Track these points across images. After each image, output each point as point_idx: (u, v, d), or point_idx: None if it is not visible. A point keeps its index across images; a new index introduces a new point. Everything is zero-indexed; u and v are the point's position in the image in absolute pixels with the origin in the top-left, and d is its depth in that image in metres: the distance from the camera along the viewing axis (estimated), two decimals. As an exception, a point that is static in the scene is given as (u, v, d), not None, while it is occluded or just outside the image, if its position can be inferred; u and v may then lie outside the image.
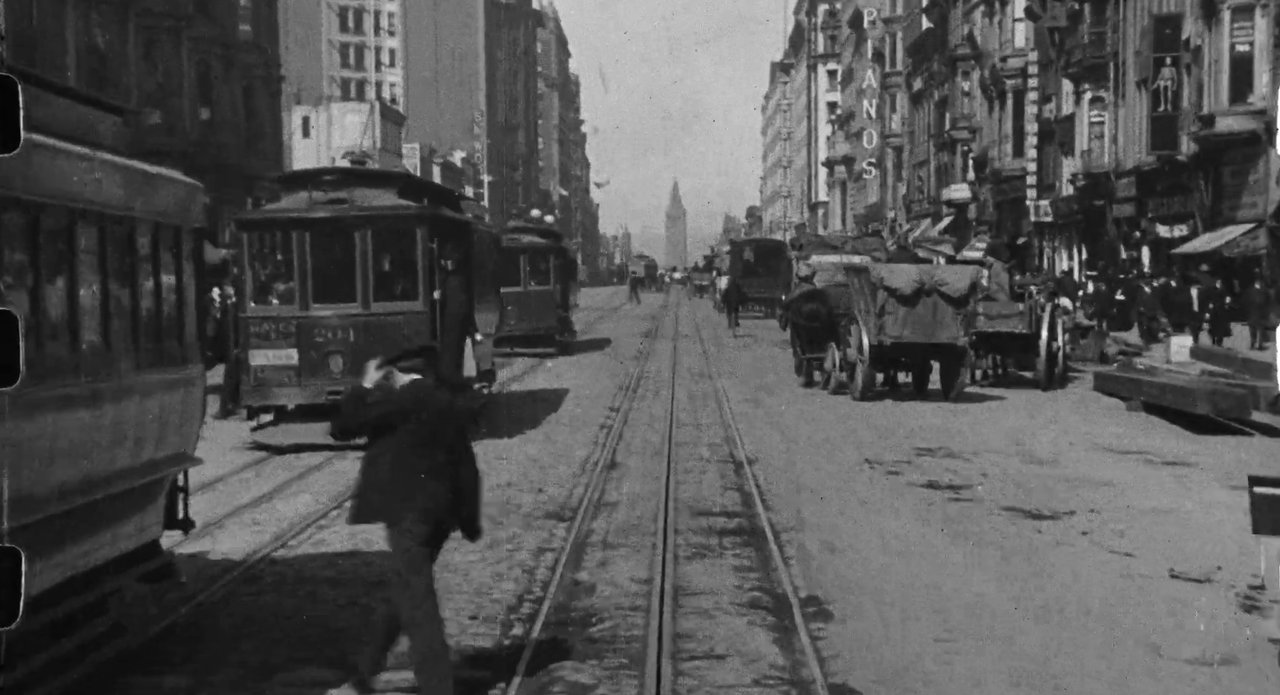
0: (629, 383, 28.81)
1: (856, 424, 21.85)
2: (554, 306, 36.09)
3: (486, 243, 21.74)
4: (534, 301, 35.31)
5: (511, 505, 14.74)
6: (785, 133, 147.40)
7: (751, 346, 40.10)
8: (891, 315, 25.03)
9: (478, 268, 20.27)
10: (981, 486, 15.83)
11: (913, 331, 24.91)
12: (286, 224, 18.35)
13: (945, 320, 24.91)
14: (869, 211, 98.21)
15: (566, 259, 39.16)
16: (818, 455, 18.38)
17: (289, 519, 14.01)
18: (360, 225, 18.03)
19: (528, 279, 35.60)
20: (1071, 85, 58.30)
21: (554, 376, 29.71)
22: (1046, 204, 61.72)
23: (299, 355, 17.69)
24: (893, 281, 25.13)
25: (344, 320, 17.83)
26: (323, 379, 17.73)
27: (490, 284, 22.26)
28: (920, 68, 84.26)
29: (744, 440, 19.67)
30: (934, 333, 24.92)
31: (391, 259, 18.30)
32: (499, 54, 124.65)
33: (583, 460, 17.91)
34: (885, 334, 24.96)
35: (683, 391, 26.74)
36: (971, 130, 72.95)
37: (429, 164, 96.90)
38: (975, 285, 25.97)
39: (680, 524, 13.66)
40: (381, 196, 18.32)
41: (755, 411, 23.47)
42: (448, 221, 19.09)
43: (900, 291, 24.96)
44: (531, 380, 29.01)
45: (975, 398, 25.99)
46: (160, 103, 54.25)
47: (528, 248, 36.34)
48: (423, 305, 17.98)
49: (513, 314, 33.53)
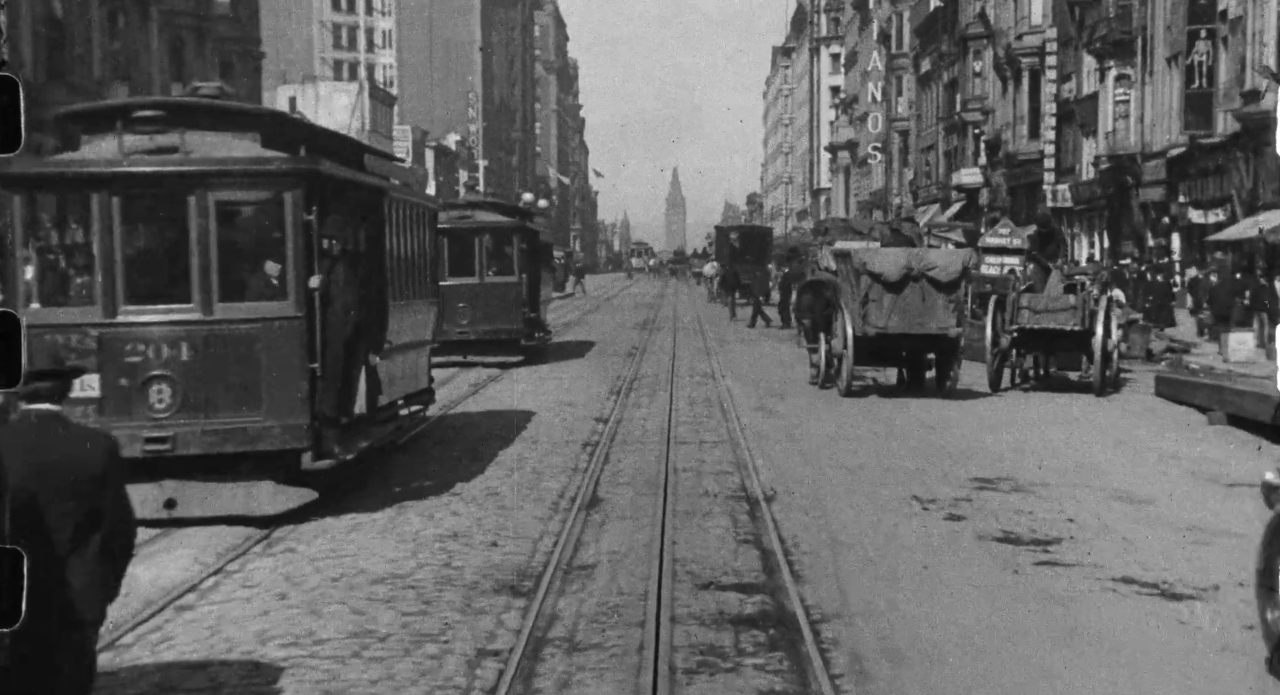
0: (621, 386, 24.86)
1: (891, 441, 17.90)
2: (518, 303, 28.47)
3: (412, 218, 15.14)
4: (493, 297, 28.11)
5: (451, 570, 10.83)
6: (787, 118, 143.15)
7: (759, 341, 36.13)
8: (876, 303, 22.49)
9: (394, 251, 14.34)
10: (1074, 539, 11.92)
11: (900, 321, 22.52)
12: (81, 183, 11.97)
13: (935, 308, 22.48)
14: (874, 197, 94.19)
15: (535, 243, 30.93)
16: (851, 487, 14.45)
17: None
18: (196, 186, 11.86)
19: (484, 268, 28.32)
20: (1095, 62, 54.31)
21: (518, 390, 23.85)
22: (1065, 188, 57.75)
23: (101, 383, 11.63)
24: (877, 266, 22.51)
25: (172, 332, 11.77)
26: (139, 420, 11.68)
27: (421, 274, 15.86)
28: (928, 48, 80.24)
29: (757, 465, 15.75)
30: (923, 322, 22.47)
31: (247, 238, 12.29)
32: (495, 36, 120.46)
33: (556, 496, 13.99)
34: (870, 324, 22.48)
35: (683, 398, 22.79)
36: (984, 112, 69.00)
37: (422, 147, 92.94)
38: (967, 270, 23.29)
39: (679, 604, 9.76)
40: (232, 144, 12.18)
41: (768, 424, 19.52)
42: (336, 182, 12.86)
43: (885, 277, 22.34)
44: (488, 397, 22.83)
45: (1022, 402, 22.15)
46: (127, 76, 50.33)
47: (484, 228, 28.61)
48: (294, 307, 12.02)
49: (464, 313, 27.71)
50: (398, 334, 14.18)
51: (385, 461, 14.96)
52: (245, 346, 11.81)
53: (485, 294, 27.96)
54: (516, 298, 28.38)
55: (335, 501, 12.73)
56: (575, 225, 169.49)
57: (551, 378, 26.22)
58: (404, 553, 11.32)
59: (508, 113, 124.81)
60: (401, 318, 14.34)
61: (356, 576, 10.53)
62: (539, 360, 29.34)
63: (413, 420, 16.60)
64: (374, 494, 13.61)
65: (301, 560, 11.03)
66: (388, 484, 14.11)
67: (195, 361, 11.71)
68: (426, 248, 15.69)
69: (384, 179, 14.26)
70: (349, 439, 12.67)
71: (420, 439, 17.17)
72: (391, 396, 14.28)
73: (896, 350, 23.34)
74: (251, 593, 10.06)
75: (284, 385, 11.79)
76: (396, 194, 14.43)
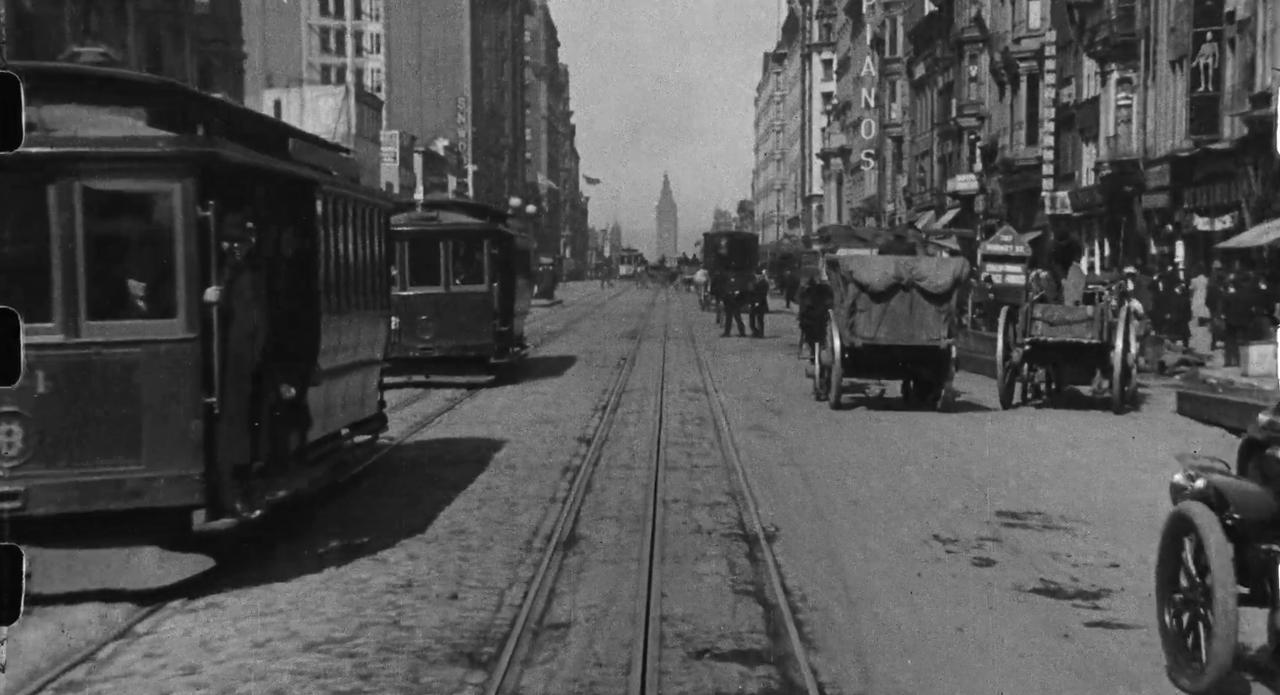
0: (606, 401, 23.16)
1: (904, 465, 16.19)
2: (488, 315, 25.07)
3: (355, 216, 12.66)
4: (459, 309, 24.68)
5: (400, 631, 9.11)
6: (778, 125, 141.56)
7: (751, 351, 34.45)
8: (864, 313, 21.64)
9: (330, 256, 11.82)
10: (1124, 590, 10.24)
11: (888, 332, 21.68)
12: None
13: (925, 319, 21.62)
14: (866, 204, 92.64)
15: (510, 248, 27.11)
16: (862, 524, 12.75)
17: None
18: (57, 173, 9.31)
19: (450, 276, 24.90)
20: (1096, 66, 52.73)
21: (491, 410, 21.30)
22: (1065, 195, 56.16)
23: None
24: (863, 275, 21.65)
25: (25, 357, 8.37)
26: None
27: (368, 283, 13.32)
28: (923, 53, 78.72)
29: (756, 495, 14.05)
30: (912, 333, 21.63)
31: (123, 240, 9.49)
32: (485, 41, 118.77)
33: (529, 533, 12.28)
34: (857, 335, 21.67)
35: (674, 414, 21.09)
36: (979, 118, 67.47)
37: (410, 152, 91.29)
38: (959, 280, 22.33)
39: (669, 680, 8.06)
40: (108, 121, 9.73)
41: (766, 446, 17.82)
42: (245, 171, 10.39)
43: (872, 287, 21.48)
44: (455, 420, 20.14)
45: (1037, 420, 20.50)
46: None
47: (449, 232, 25.14)
48: (185, 327, 9.49)
49: (427, 327, 24.45)
50: (334, 354, 11.92)
51: (333, 498, 13.18)
52: (121, 377, 9.25)
53: (451, 305, 24.70)
54: (486, 309, 25.10)
55: (268, 551, 10.98)
56: (565, 231, 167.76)
57: (529, 395, 23.65)
58: (347, 608, 9.61)
59: (497, 118, 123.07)
60: (340, 335, 12.03)
61: (286, 641, 8.82)
62: (513, 378, 26.16)
63: (363, 451, 14.37)
64: (319, 534, 11.88)
65: (225, 621, 9.30)
66: (336, 523, 12.36)
67: (55, 396, 9.13)
68: (376, 252, 13.39)
69: (316, 169, 11.94)
70: (260, 489, 10.34)
71: (374, 471, 15.11)
72: (329, 428, 12.11)
73: (887, 362, 22.25)
74: (155, 665, 8.33)
75: (170, 425, 9.36)
76: (333, 188, 11.92)
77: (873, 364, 22.27)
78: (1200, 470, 7.90)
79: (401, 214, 24.55)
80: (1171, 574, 7.83)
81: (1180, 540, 7.74)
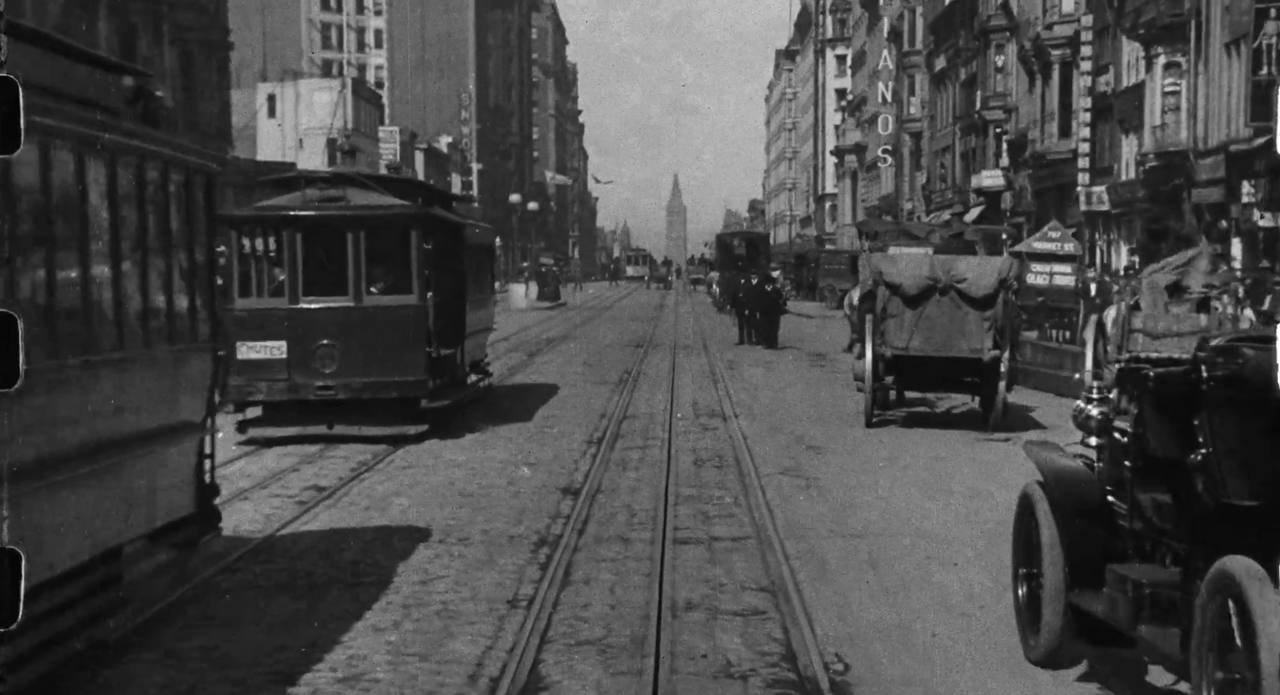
0: (605, 430, 18.68)
1: (1000, 528, 11.74)
2: (419, 337, 17.25)
3: (122, 178, 7.76)
4: (375, 329, 17.10)
5: None
6: (790, 123, 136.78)
7: (774, 363, 29.87)
8: (894, 319, 18.62)
9: (34, 251, 6.65)
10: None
11: (922, 341, 18.71)
12: None
13: (966, 326, 18.68)
14: (883, 203, 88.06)
15: (458, 241, 19.45)
16: (978, 653, 8.30)
17: None
18: None
19: (361, 283, 17.19)
20: (1138, 51, 48.13)
21: (409, 485, 14.17)
22: (1102, 191, 51.54)
23: None
24: (894, 276, 18.67)
25: None
26: None
27: (162, 294, 8.40)
28: (944, 45, 74.17)
29: (806, 594, 9.59)
30: (950, 342, 18.64)
31: None
32: (490, 37, 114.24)
33: (464, 679, 7.82)
34: (886, 344, 18.70)
35: (686, 452, 16.58)
36: (1006, 110, 62.93)
37: (411, 149, 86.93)
38: (1006, 281, 19.09)
39: None
40: None
41: (808, 501, 13.32)
42: None
43: (903, 289, 18.51)
44: (360, 497, 13.39)
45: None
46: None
47: (360, 219, 17.30)
48: None
49: (328, 356, 16.85)
50: (73, 427, 6.82)
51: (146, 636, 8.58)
52: None
53: (364, 325, 17.07)
54: (416, 329, 17.23)
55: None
56: (574, 232, 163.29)
57: (482, 450, 16.68)
58: None
59: (504, 116, 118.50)
60: (86, 392, 7.00)
61: None
62: (466, 426, 18.46)
63: (171, 565, 8.93)
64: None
65: None
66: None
67: None
68: (178, 242, 8.34)
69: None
70: None
71: (216, 586, 9.88)
72: (77, 557, 6.95)
73: (926, 375, 19.14)
74: None
75: None
76: (52, 122, 6.72)
77: (910, 377, 19.15)
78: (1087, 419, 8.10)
79: (291, 194, 17.69)
80: (1018, 552, 8.17)
81: (1025, 520, 8.06)
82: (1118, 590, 7.06)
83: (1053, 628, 7.59)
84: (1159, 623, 6.75)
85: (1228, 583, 6.02)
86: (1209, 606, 6.15)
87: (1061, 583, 7.54)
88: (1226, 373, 6.56)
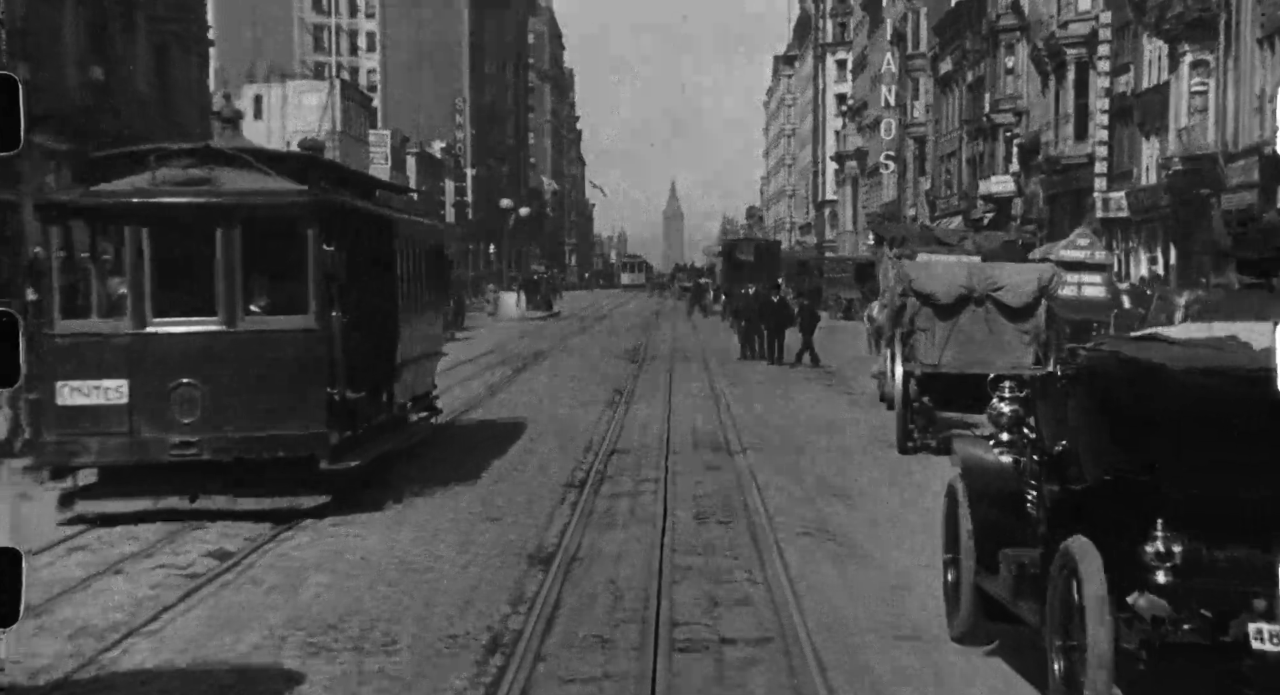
0: (585, 471, 15.63)
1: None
2: (319, 372, 12.39)
3: None
4: (254, 362, 12.27)
5: None
6: (789, 129, 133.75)
7: (781, 382, 26.75)
8: (925, 333, 16.73)
9: None
10: None
11: (956, 356, 16.75)
12: None
13: (1004, 340, 16.80)
14: (885, 210, 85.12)
15: (391, 242, 14.90)
16: None
17: None
18: None
19: (234, 296, 12.34)
20: (1161, 49, 45.18)
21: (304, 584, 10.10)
22: (1120, 196, 48.55)
23: None
24: (925, 285, 16.77)
25: None
26: None
27: None
28: (950, 47, 71.30)
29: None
30: (987, 357, 16.32)
31: None
32: (486, 40, 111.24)
33: None
34: (916, 360, 16.89)
35: (684, 504, 13.48)
36: (1017, 113, 60.06)
37: (402, 153, 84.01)
38: (1046, 290, 17.17)
39: None
40: None
41: (845, 577, 10.30)
42: None
43: (936, 299, 16.61)
44: (204, 626, 8.84)
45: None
46: (30, 55, 41.16)
47: (232, 208, 12.47)
48: None
49: (188, 401, 12.04)
50: None
51: None
52: None
53: (238, 358, 12.25)
54: (314, 362, 12.35)
55: None
56: (571, 239, 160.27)
57: (405, 524, 12.14)
58: None
59: (499, 121, 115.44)
60: None
61: None
62: (384, 495, 13.25)
63: None
64: None
65: None
66: None
67: None
68: None
69: None
70: None
71: None
72: None
73: (963, 393, 16.41)
74: None
75: None
76: None
77: (944, 396, 16.69)
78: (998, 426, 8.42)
79: (139, 175, 12.63)
80: (946, 540, 8.64)
81: (951, 510, 8.49)
82: (1006, 570, 7.66)
83: (966, 608, 8.15)
84: (1030, 598, 7.29)
85: (1068, 560, 6.59)
86: (1058, 581, 6.71)
87: (972, 567, 8.02)
88: (1072, 373, 7.26)
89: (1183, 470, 6.47)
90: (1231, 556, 6.35)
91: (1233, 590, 6.24)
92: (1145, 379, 6.60)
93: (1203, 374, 6.49)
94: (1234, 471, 6.47)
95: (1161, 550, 6.25)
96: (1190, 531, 6.31)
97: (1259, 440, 6.38)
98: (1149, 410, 6.62)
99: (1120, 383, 6.82)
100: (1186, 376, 6.50)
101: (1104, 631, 6.22)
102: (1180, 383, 6.48)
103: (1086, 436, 7.07)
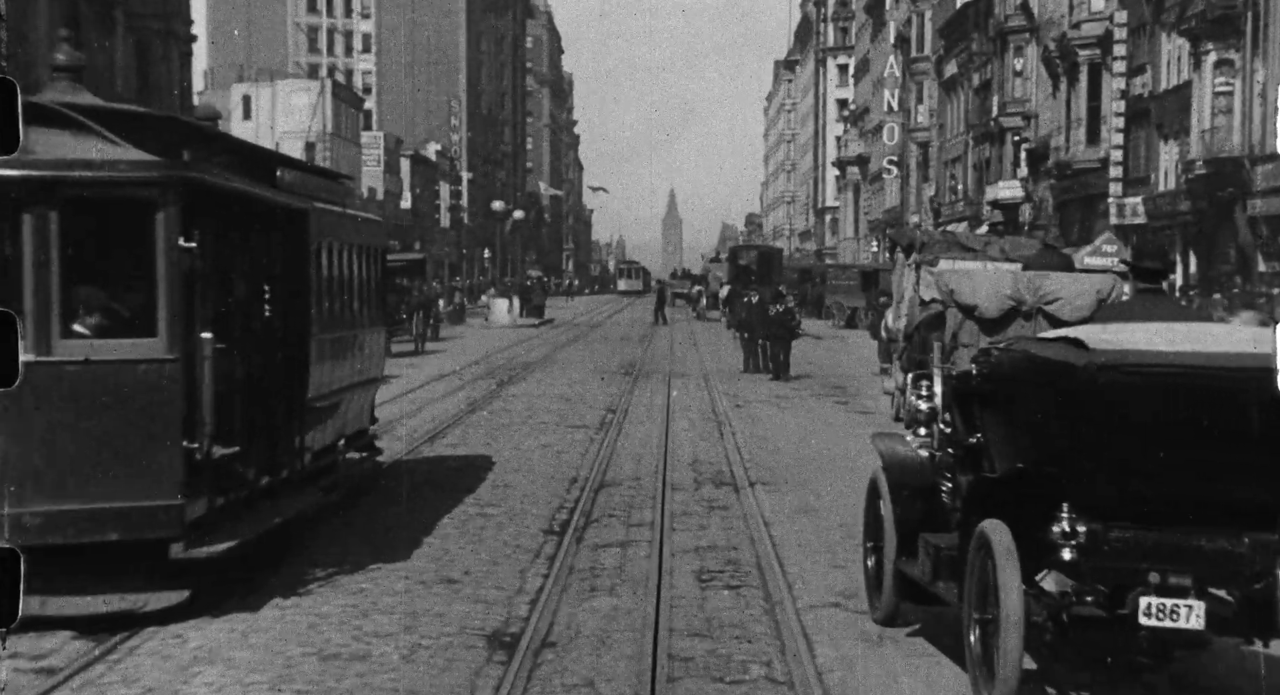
0: (568, 518, 13.28)
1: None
2: (168, 424, 8.40)
3: None
4: (72, 408, 8.20)
5: None
6: (789, 134, 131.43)
7: (790, 398, 24.40)
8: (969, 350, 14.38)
9: None
10: None
11: None
12: None
13: None
14: (887, 216, 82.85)
15: (303, 239, 11.00)
16: None
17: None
18: None
19: (44, 314, 8.26)
20: (1180, 49, 42.93)
21: None
22: (1136, 202, 46.24)
23: None
24: (969, 296, 14.82)
25: None
26: None
27: None
28: (955, 49, 69.03)
29: None
30: None
31: None
32: (483, 43, 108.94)
33: None
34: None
35: (686, 554, 11.13)
36: (1026, 116, 57.83)
37: (396, 155, 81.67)
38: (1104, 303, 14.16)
39: None
40: None
41: (890, 678, 7.98)
42: None
43: (980, 311, 14.70)
44: None
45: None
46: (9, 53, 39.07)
47: (34, 187, 8.37)
48: None
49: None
50: None
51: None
52: None
53: (55, 400, 8.34)
54: (165, 405, 8.55)
55: None
56: (569, 245, 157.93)
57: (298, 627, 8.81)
58: None
59: (496, 124, 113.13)
60: None
61: None
62: (298, 569, 10.17)
63: None
64: None
65: None
66: None
67: None
68: None
69: None
70: None
71: None
72: None
73: None
74: None
75: None
76: None
77: None
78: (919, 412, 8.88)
79: None
80: (867, 529, 9.12)
81: (872, 501, 8.96)
82: (925, 554, 8.17)
83: (888, 591, 8.64)
84: (948, 579, 7.83)
85: (983, 541, 7.08)
86: (974, 561, 7.19)
87: (893, 552, 8.51)
88: (987, 371, 7.77)
89: (1086, 459, 6.84)
90: (1128, 536, 6.79)
91: (1127, 567, 6.74)
92: (1053, 377, 6.87)
93: (1104, 371, 6.69)
94: (1133, 459, 6.81)
95: (1067, 530, 6.76)
96: (1092, 514, 6.79)
97: (1155, 431, 6.77)
98: (1056, 405, 6.92)
99: (1030, 381, 7.16)
100: (1091, 373, 6.71)
101: (1015, 605, 6.67)
102: (1085, 380, 6.71)
103: (999, 430, 7.61)
